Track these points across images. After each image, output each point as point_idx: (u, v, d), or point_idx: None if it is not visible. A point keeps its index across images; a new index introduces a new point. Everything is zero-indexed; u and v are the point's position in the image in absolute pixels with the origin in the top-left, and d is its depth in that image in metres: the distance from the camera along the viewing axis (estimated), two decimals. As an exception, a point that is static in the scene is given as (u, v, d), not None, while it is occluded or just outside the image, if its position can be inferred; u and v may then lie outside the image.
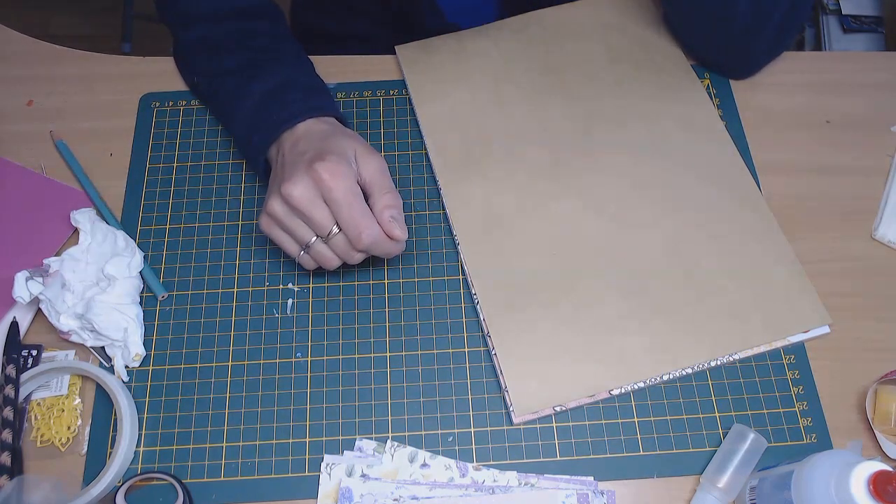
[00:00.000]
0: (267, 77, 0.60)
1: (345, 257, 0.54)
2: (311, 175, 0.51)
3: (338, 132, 0.56)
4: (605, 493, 0.52)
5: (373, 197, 0.54)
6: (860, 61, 0.72)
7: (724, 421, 0.55)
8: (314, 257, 0.55)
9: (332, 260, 0.55)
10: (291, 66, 0.62)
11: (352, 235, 0.52)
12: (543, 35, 0.71)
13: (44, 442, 0.53)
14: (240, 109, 0.60)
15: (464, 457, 0.53)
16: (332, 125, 0.57)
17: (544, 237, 0.60)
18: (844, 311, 0.58)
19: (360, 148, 0.54)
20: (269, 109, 0.58)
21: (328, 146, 0.54)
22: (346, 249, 0.54)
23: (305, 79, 0.62)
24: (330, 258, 0.54)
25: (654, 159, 0.64)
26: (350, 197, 0.52)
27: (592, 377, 0.55)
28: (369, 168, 0.54)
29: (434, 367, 0.57)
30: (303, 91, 0.59)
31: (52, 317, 0.55)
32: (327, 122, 0.58)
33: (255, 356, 0.57)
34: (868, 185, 0.65)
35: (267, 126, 0.57)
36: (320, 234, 0.53)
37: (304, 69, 0.63)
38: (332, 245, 0.54)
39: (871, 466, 0.42)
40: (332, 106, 0.60)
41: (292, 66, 0.62)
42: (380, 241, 0.53)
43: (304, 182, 0.51)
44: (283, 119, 0.56)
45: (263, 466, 0.53)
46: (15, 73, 0.70)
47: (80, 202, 0.62)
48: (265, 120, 0.57)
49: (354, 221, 0.52)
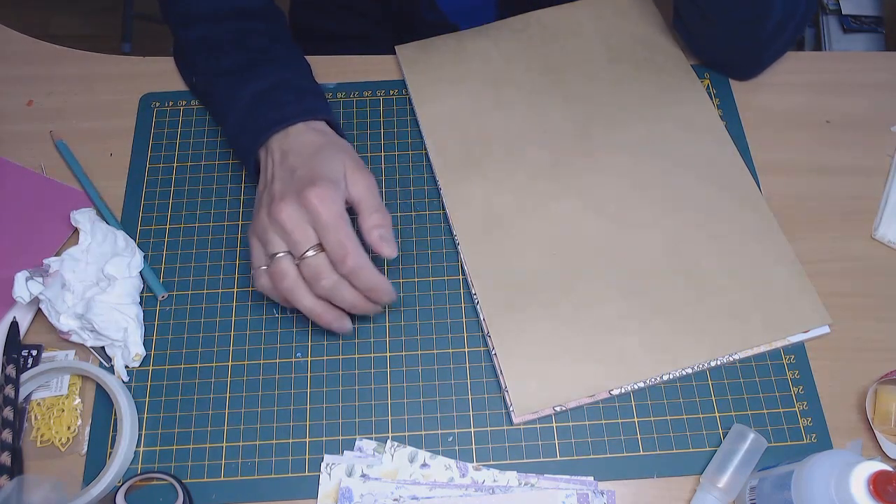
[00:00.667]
0: (261, 78, 0.60)
1: (312, 281, 0.51)
2: (301, 201, 0.50)
3: (328, 145, 0.55)
4: (605, 493, 0.52)
5: (361, 215, 0.53)
6: (860, 61, 0.72)
7: (724, 421, 0.55)
8: (273, 274, 0.52)
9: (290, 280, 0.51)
10: (286, 68, 0.62)
11: (336, 257, 0.50)
12: (543, 35, 0.71)
13: (44, 442, 0.53)
14: (232, 110, 0.60)
15: (464, 457, 0.53)
16: (323, 134, 0.57)
17: (544, 237, 0.60)
18: (844, 311, 0.58)
19: (349, 164, 0.54)
20: (260, 110, 0.58)
21: (319, 167, 0.53)
22: (317, 273, 0.51)
23: (299, 81, 0.61)
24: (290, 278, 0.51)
25: (654, 159, 0.64)
26: (338, 220, 0.50)
27: (592, 377, 0.55)
28: (358, 187, 0.53)
29: (434, 367, 0.57)
30: (295, 93, 0.59)
31: (52, 317, 0.55)
32: (318, 128, 0.57)
33: (255, 356, 0.57)
34: (868, 185, 0.65)
35: (256, 127, 0.57)
36: (295, 251, 0.51)
37: (300, 71, 0.63)
38: (303, 266, 0.51)
39: (871, 466, 0.42)
40: (326, 108, 0.59)
41: (287, 68, 0.62)
42: (365, 268, 0.51)
43: (294, 206, 0.51)
44: (273, 121, 0.56)
45: (263, 466, 0.53)
46: (15, 73, 0.70)
47: (80, 202, 0.62)
48: (255, 121, 0.57)
49: (341, 243, 0.50)
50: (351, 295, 0.52)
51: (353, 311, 0.53)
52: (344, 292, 0.52)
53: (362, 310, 0.53)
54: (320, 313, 0.52)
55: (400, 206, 0.63)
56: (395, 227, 0.62)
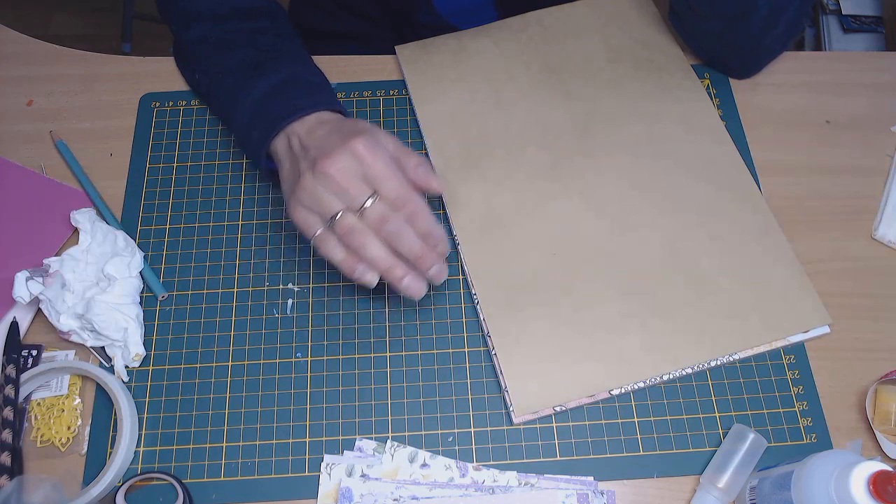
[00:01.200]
0: (270, 74, 0.59)
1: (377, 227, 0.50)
2: (351, 150, 0.50)
3: (350, 120, 0.56)
4: (605, 493, 0.52)
5: (401, 161, 0.52)
6: (860, 61, 0.72)
7: (724, 421, 0.55)
8: (341, 233, 0.51)
9: (359, 232, 0.50)
10: (294, 64, 0.62)
11: (396, 202, 0.50)
12: (543, 35, 0.71)
13: (44, 442, 0.53)
14: (241, 106, 0.59)
15: (464, 457, 0.53)
16: (340, 117, 0.57)
17: (544, 237, 0.60)
18: (844, 311, 0.58)
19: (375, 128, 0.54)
20: (272, 106, 0.57)
21: (352, 126, 0.53)
22: (382, 218, 0.50)
23: (309, 76, 0.61)
24: (359, 229, 0.50)
25: (654, 159, 0.64)
26: (392, 166, 0.50)
27: (592, 377, 0.55)
28: (389, 144, 0.53)
29: (434, 367, 0.57)
30: (307, 87, 0.59)
31: (52, 317, 0.55)
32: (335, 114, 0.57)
33: (255, 356, 0.57)
34: (868, 185, 0.65)
35: (269, 120, 0.57)
36: (354, 205, 0.50)
37: (308, 67, 0.63)
38: (365, 216, 0.50)
39: (871, 466, 0.42)
40: (337, 102, 0.59)
41: (295, 63, 0.62)
42: (424, 211, 0.51)
43: (344, 158, 0.50)
44: (288, 112, 0.56)
45: (263, 466, 0.53)
46: (15, 73, 0.70)
47: (80, 202, 0.62)
48: (266, 115, 0.57)
49: (399, 188, 0.50)
50: (415, 240, 0.51)
51: (418, 263, 0.51)
52: (410, 236, 0.51)
53: (426, 260, 0.51)
54: (393, 266, 0.51)
55: (400, 206, 0.63)
56: (395, 227, 0.62)
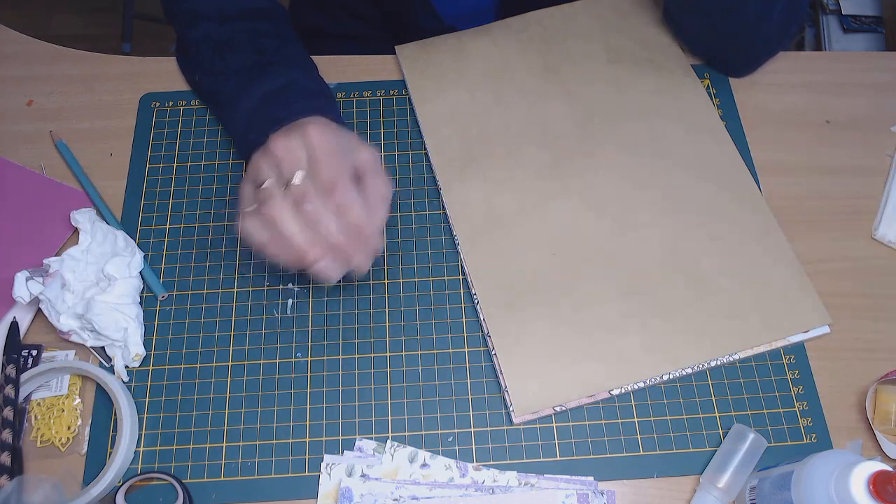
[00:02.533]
0: (270, 79, 0.60)
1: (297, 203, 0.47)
2: (302, 132, 0.49)
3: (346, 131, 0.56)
4: (605, 493, 0.52)
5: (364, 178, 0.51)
6: (860, 61, 0.72)
7: (724, 421, 0.55)
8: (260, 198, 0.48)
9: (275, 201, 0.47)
10: (295, 69, 0.62)
11: (324, 188, 0.47)
12: (543, 35, 0.71)
13: (44, 442, 0.53)
14: (240, 109, 0.60)
15: (464, 457, 0.53)
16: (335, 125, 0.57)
17: (544, 237, 0.60)
18: (844, 311, 0.58)
19: (356, 139, 0.54)
20: (269, 110, 0.58)
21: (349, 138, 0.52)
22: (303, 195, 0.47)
23: (308, 82, 0.62)
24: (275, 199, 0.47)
25: (654, 159, 0.64)
26: (333, 152, 0.48)
27: (592, 377, 0.55)
28: (363, 155, 0.52)
29: (434, 367, 0.57)
30: (304, 94, 0.59)
31: (52, 317, 0.55)
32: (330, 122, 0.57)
33: (255, 356, 0.57)
34: (868, 185, 0.65)
35: (265, 124, 0.57)
36: (281, 179, 0.48)
37: (308, 73, 0.63)
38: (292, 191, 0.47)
39: (871, 466, 0.42)
40: (334, 109, 0.60)
41: (296, 69, 0.62)
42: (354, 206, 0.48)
43: (292, 138, 0.49)
44: (282, 117, 0.56)
45: (263, 466, 0.53)
46: (15, 73, 0.70)
47: (80, 202, 0.62)
48: (264, 119, 0.57)
49: (331, 175, 0.47)
50: (336, 228, 0.48)
51: (337, 253, 0.49)
52: (329, 222, 0.48)
53: (346, 252, 0.49)
54: (303, 245, 0.48)
55: (400, 206, 0.63)
56: (395, 227, 0.62)
